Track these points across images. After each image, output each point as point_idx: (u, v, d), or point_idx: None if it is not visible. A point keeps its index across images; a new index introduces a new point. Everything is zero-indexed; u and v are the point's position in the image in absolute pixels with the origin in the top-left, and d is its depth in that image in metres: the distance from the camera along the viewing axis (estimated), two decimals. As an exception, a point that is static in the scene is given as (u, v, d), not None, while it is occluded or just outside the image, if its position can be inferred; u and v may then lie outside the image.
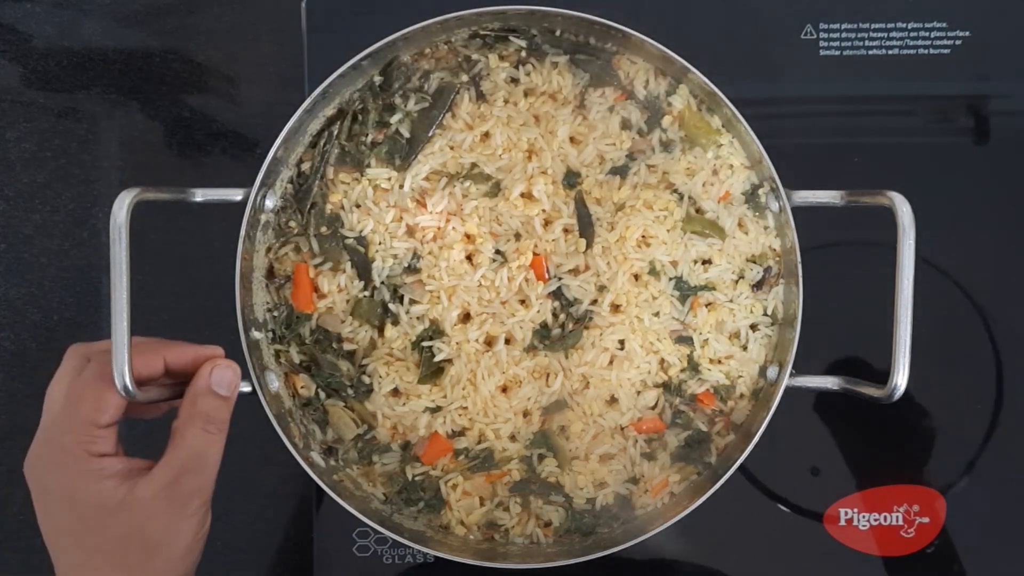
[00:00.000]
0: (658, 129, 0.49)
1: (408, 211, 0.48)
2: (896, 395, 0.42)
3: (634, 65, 0.50)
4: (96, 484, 0.40)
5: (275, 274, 0.49)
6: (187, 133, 0.59)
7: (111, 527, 0.40)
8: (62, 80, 0.59)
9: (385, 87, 0.49)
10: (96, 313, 0.58)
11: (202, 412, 0.41)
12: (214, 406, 0.42)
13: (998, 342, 0.56)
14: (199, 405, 0.42)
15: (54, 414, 0.42)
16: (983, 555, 0.55)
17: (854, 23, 0.56)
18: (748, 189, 0.49)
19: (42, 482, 0.41)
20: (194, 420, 0.41)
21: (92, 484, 0.40)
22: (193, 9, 0.59)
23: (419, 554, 0.54)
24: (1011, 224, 0.56)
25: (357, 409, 0.49)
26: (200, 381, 0.42)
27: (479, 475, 0.49)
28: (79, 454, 0.40)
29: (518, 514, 0.49)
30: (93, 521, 0.40)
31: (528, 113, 0.49)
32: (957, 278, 0.56)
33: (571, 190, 0.49)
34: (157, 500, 0.40)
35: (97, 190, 0.59)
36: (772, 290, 0.50)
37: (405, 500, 0.49)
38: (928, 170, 0.56)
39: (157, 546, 0.40)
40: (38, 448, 0.42)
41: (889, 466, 0.55)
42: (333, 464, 0.49)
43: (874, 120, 0.57)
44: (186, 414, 0.42)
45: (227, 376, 0.42)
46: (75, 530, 0.41)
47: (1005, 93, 0.57)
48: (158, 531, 0.40)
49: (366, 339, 0.49)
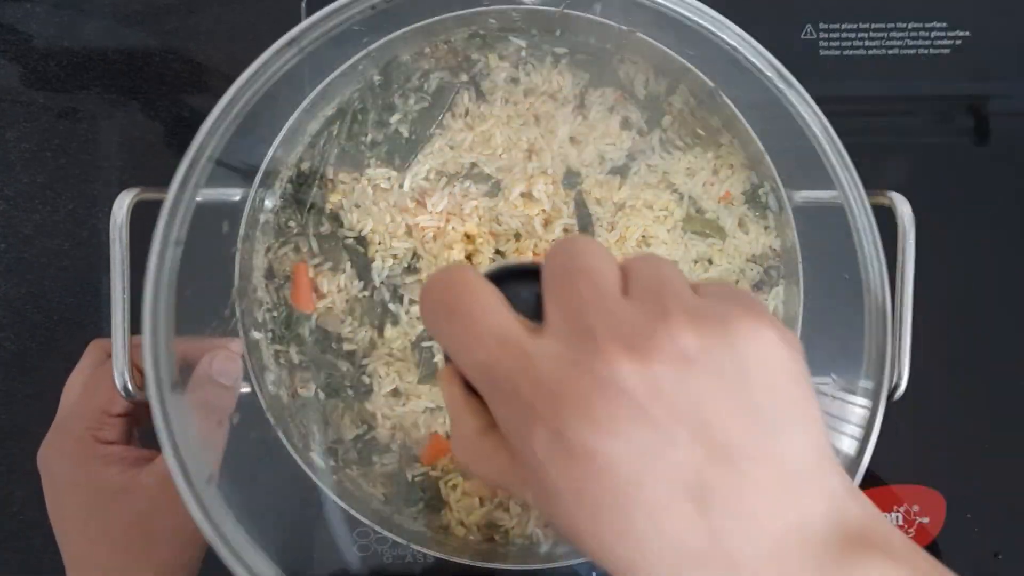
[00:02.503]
0: (658, 129, 0.49)
1: (408, 211, 0.49)
2: (896, 395, 0.42)
3: (634, 65, 0.50)
4: (101, 470, 0.40)
5: (274, 274, 0.49)
6: (187, 133, 0.59)
7: (114, 513, 0.40)
8: (62, 80, 0.59)
9: (385, 86, 0.49)
10: (96, 313, 0.58)
11: (202, 399, 0.42)
12: (216, 394, 0.42)
13: (998, 342, 0.56)
14: (200, 393, 0.42)
15: (70, 404, 0.43)
16: (983, 555, 0.55)
17: (854, 23, 0.56)
18: (748, 189, 0.49)
19: (50, 468, 0.42)
20: (195, 408, 0.41)
21: (97, 470, 0.40)
22: (193, 9, 0.59)
23: (419, 554, 0.54)
24: (1011, 224, 0.56)
25: (357, 409, 0.49)
26: (201, 369, 0.42)
27: (479, 475, 0.49)
28: (87, 440, 0.41)
29: (518, 515, 0.49)
30: (97, 507, 0.40)
31: (528, 113, 0.49)
32: (957, 278, 0.56)
33: (571, 190, 0.49)
34: (159, 487, 0.40)
35: (97, 190, 0.59)
36: (772, 290, 0.50)
37: (405, 500, 0.49)
38: (928, 170, 0.56)
39: (160, 535, 0.41)
40: (50, 436, 0.43)
41: (889, 466, 0.55)
42: (333, 464, 0.49)
43: (874, 120, 0.57)
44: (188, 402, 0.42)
45: (228, 366, 0.42)
46: (79, 516, 0.41)
47: (1005, 93, 0.57)
48: (161, 519, 0.40)
49: (366, 339, 0.49)
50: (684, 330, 0.24)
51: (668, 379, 0.23)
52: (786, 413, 0.24)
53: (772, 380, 0.24)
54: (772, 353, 0.24)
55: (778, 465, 0.23)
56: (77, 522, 0.41)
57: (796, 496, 0.23)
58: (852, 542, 0.23)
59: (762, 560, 0.23)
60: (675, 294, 0.25)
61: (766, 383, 0.24)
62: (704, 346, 0.24)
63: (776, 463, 0.23)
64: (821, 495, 0.24)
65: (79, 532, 0.41)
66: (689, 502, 0.23)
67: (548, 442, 0.24)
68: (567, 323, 0.25)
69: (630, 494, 0.23)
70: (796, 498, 0.23)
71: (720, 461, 0.23)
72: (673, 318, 0.24)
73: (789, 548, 0.23)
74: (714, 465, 0.23)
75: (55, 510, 0.42)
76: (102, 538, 0.40)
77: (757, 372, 0.24)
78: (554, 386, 0.24)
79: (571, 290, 0.25)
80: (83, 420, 0.41)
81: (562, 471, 0.24)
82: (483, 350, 0.25)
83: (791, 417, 0.24)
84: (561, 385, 0.24)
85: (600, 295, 0.25)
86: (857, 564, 0.23)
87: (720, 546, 0.23)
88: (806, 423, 0.24)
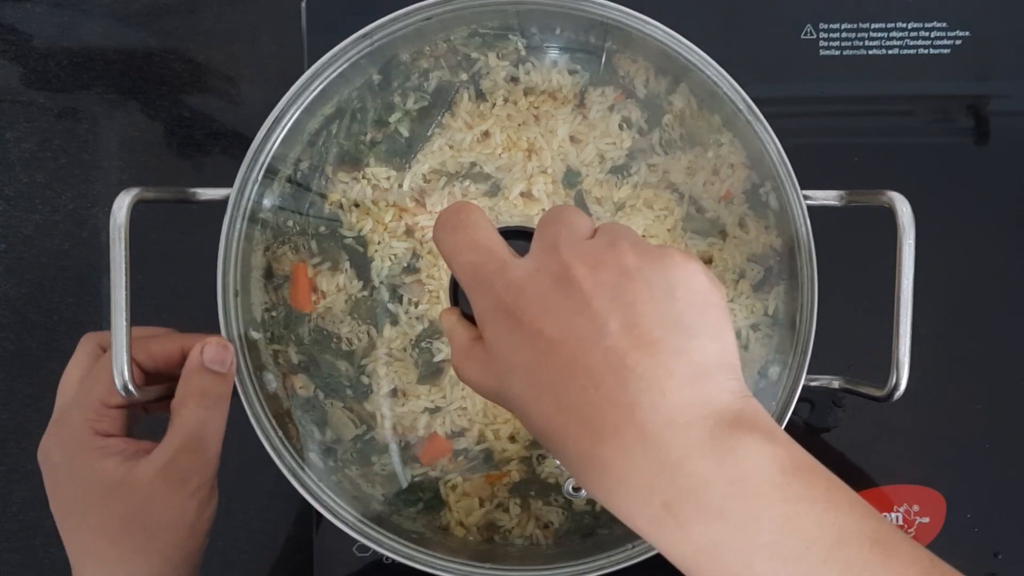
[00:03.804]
0: (658, 128, 0.49)
1: (407, 211, 0.49)
2: (896, 395, 0.42)
3: (634, 64, 0.50)
4: (98, 462, 0.40)
5: (273, 274, 0.49)
6: (187, 133, 0.59)
7: (112, 507, 0.40)
8: (62, 80, 0.59)
9: (384, 86, 0.49)
10: (96, 313, 0.58)
11: (197, 388, 0.42)
12: (209, 381, 0.42)
13: (998, 342, 0.56)
14: (194, 382, 0.42)
15: (67, 398, 0.43)
16: (983, 555, 0.55)
17: (854, 23, 0.56)
18: (749, 188, 0.49)
19: (49, 460, 0.42)
20: (190, 397, 0.42)
21: (95, 462, 0.40)
22: (193, 9, 0.59)
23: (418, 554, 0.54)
24: (1011, 224, 0.56)
25: (356, 409, 0.49)
26: (193, 358, 0.42)
27: (478, 476, 0.49)
28: (84, 431, 0.41)
29: (518, 515, 0.49)
30: (95, 499, 0.41)
31: (528, 112, 0.49)
32: (957, 278, 0.56)
33: (571, 189, 0.49)
34: (156, 480, 0.40)
35: (97, 190, 0.59)
36: (773, 290, 0.49)
37: (404, 501, 0.49)
38: (928, 170, 0.56)
39: (158, 527, 0.41)
40: (49, 428, 0.43)
41: (889, 466, 0.55)
42: (332, 464, 0.49)
43: (874, 120, 0.57)
44: (182, 392, 0.42)
45: (220, 353, 0.43)
46: (78, 510, 0.41)
47: (1005, 93, 0.57)
48: (159, 511, 0.40)
49: (365, 339, 0.49)
50: (628, 252, 0.30)
51: (609, 282, 0.29)
52: (700, 325, 0.30)
53: (692, 299, 0.30)
54: (695, 280, 0.30)
55: (688, 361, 0.29)
56: (76, 517, 0.41)
57: (700, 386, 0.29)
58: (740, 424, 0.28)
59: (665, 429, 0.28)
60: (627, 236, 0.31)
61: (687, 300, 0.30)
62: (641, 265, 0.30)
63: (686, 359, 0.29)
64: (720, 390, 0.29)
65: (79, 523, 0.41)
66: (613, 380, 0.28)
67: (510, 328, 0.30)
68: (542, 250, 0.31)
69: (567, 371, 0.29)
70: (700, 387, 0.29)
71: (642, 349, 0.28)
72: (621, 245, 0.30)
73: (689, 423, 0.28)
74: (637, 352, 0.28)
75: (55, 502, 0.42)
76: (101, 529, 0.40)
77: (681, 291, 0.30)
78: (520, 283, 0.30)
79: (551, 231, 0.32)
80: (81, 412, 0.41)
81: (518, 350, 0.30)
82: (474, 254, 0.32)
83: (704, 328, 0.30)
84: (526, 283, 0.30)
85: (572, 234, 0.32)
86: (742, 439, 0.28)
87: (633, 417, 0.28)
88: (717, 336, 0.30)
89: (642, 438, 0.28)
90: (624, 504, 0.29)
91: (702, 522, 0.27)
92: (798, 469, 0.28)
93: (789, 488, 0.27)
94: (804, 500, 0.27)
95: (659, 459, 0.28)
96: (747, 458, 0.27)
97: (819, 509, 0.27)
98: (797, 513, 0.27)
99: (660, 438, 0.28)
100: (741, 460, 0.27)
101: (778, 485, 0.27)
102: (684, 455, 0.27)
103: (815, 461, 0.29)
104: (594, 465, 0.29)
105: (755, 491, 0.27)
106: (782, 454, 0.28)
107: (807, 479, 0.28)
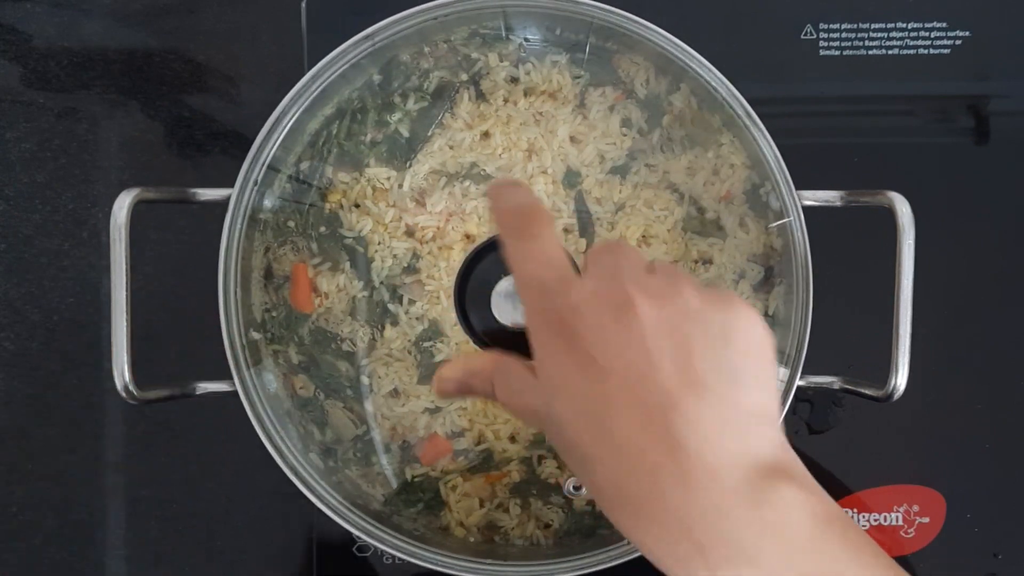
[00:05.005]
0: (658, 128, 0.49)
1: (407, 211, 0.49)
2: (896, 395, 0.42)
3: (634, 64, 0.50)
4: None
5: (273, 274, 0.49)
6: (187, 133, 0.59)
7: None
8: (62, 80, 0.59)
9: (384, 86, 0.49)
10: (96, 313, 0.58)
11: None
12: None
13: (998, 342, 0.56)
14: None
15: None
16: (983, 555, 0.55)
17: (854, 23, 0.56)
18: (749, 188, 0.49)
19: None
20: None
21: None
22: (193, 9, 0.59)
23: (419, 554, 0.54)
24: (1011, 224, 0.56)
25: (356, 410, 0.49)
26: None
27: (479, 476, 0.49)
28: None
29: (518, 515, 0.49)
30: None
31: (528, 112, 0.49)
32: (957, 278, 0.56)
33: (571, 189, 0.49)
34: None
35: (97, 190, 0.59)
36: (773, 290, 0.50)
37: (405, 501, 0.49)
38: (928, 170, 0.56)
39: None
40: None
41: (889, 466, 0.55)
42: (332, 465, 0.49)
43: (874, 120, 0.57)
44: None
45: None
46: None
47: (1005, 93, 0.57)
48: None
49: (365, 339, 0.49)
50: (692, 294, 0.30)
51: (670, 320, 0.29)
52: (751, 374, 0.30)
53: (748, 347, 0.30)
54: (754, 330, 0.31)
55: (735, 409, 0.29)
56: None
57: (744, 434, 0.29)
58: (778, 472, 0.28)
59: (706, 473, 0.28)
60: (689, 278, 0.32)
61: (743, 348, 0.30)
62: (703, 308, 0.30)
63: (734, 407, 0.29)
64: (761, 438, 0.29)
65: None
66: (660, 419, 0.28)
67: (563, 349, 0.30)
68: (604, 275, 0.31)
69: (615, 402, 0.29)
70: (743, 436, 0.29)
71: (692, 392, 0.28)
72: (684, 286, 0.31)
73: (730, 469, 0.28)
74: (687, 394, 0.28)
75: None
76: None
77: (737, 338, 0.30)
78: (579, 305, 0.30)
79: (611, 259, 0.32)
80: None
81: (568, 372, 0.30)
82: (539, 267, 0.32)
83: (754, 378, 0.30)
84: (584, 306, 0.30)
85: (632, 266, 0.32)
86: (779, 488, 0.28)
87: (675, 457, 0.28)
88: (764, 387, 0.30)
89: (683, 480, 0.28)
90: (652, 539, 0.29)
91: (733, 567, 0.27)
92: (831, 519, 0.28)
93: (822, 538, 0.28)
94: (836, 550, 0.28)
95: (697, 501, 0.28)
96: (783, 507, 0.28)
97: (848, 558, 0.28)
98: (828, 562, 0.28)
99: (700, 482, 0.28)
100: (777, 508, 0.28)
101: (811, 535, 0.28)
102: (721, 500, 0.28)
103: (842, 510, 0.29)
104: (626, 498, 0.29)
105: (789, 539, 0.27)
106: (816, 504, 0.28)
107: (839, 529, 0.28)
